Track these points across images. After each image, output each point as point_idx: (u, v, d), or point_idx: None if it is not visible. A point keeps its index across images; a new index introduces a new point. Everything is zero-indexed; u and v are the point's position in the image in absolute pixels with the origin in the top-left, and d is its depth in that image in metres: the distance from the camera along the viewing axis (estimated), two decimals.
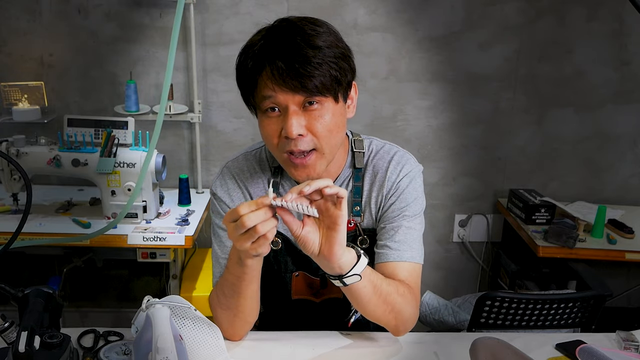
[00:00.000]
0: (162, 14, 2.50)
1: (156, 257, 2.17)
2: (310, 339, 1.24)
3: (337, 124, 1.10)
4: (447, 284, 2.89)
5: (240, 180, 1.25)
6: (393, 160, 1.24)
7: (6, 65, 2.53)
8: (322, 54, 1.04)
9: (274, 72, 1.03)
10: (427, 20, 2.56)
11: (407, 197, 1.22)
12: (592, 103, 2.70)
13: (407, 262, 1.20)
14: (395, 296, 1.14)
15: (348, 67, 1.09)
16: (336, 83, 1.06)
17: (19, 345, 0.92)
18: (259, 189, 1.25)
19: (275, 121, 1.09)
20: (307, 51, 1.03)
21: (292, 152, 1.09)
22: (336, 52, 1.06)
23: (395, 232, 1.20)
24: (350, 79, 1.11)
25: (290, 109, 1.06)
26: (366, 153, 1.26)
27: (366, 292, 1.10)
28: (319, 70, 1.03)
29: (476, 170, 2.79)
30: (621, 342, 1.26)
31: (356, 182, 1.24)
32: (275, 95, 1.06)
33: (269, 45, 1.05)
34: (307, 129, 1.07)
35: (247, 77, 1.09)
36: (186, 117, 2.55)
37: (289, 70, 1.02)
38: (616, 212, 2.59)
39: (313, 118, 1.07)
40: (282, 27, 1.07)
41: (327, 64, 1.04)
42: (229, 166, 1.27)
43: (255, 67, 1.07)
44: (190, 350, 1.09)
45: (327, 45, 1.05)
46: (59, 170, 2.17)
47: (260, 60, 1.06)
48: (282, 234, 1.25)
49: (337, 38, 1.09)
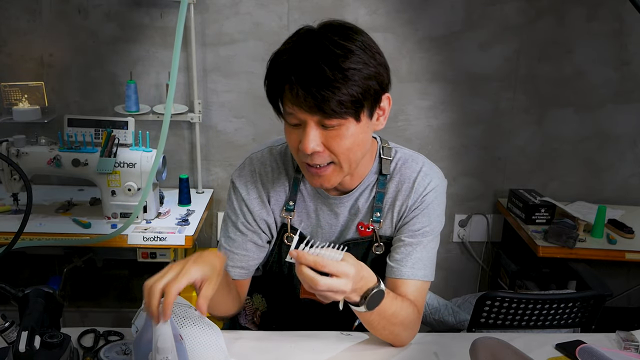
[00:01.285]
0: (162, 14, 2.50)
1: (156, 257, 2.17)
2: (311, 339, 1.24)
3: (357, 142, 1.08)
4: (447, 284, 2.90)
5: (259, 174, 1.25)
6: (422, 172, 1.23)
7: (6, 65, 2.53)
8: (344, 77, 0.99)
9: (292, 91, 1.02)
10: (427, 20, 2.56)
11: (430, 213, 1.22)
12: (592, 103, 2.70)
13: (419, 281, 1.21)
14: (397, 328, 1.17)
15: (376, 85, 1.04)
16: (357, 104, 1.03)
17: (20, 345, 0.92)
18: (278, 187, 1.25)
19: (295, 132, 1.08)
20: (328, 73, 0.98)
21: (309, 163, 1.10)
22: (364, 73, 1.01)
23: (413, 249, 1.21)
24: (378, 95, 1.07)
25: (309, 125, 1.05)
26: (393, 161, 1.25)
27: (369, 320, 1.14)
28: (337, 94, 0.99)
29: (476, 170, 2.79)
30: (621, 342, 1.26)
31: (380, 189, 1.24)
32: (294, 113, 1.05)
33: (291, 61, 1.02)
34: (324, 146, 1.07)
35: (273, 87, 1.08)
36: (186, 117, 2.55)
37: (306, 92, 1.00)
38: (616, 212, 2.59)
39: (331, 137, 1.06)
40: (309, 40, 1.02)
41: (349, 87, 1.00)
42: (252, 158, 1.27)
43: (279, 81, 1.05)
44: (191, 350, 1.09)
45: (354, 66, 1.00)
46: (59, 170, 2.17)
47: (281, 75, 1.04)
48: (297, 229, 1.26)
49: (371, 54, 1.03)
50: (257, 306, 1.42)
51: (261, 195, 1.25)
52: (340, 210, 1.25)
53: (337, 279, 0.99)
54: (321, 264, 0.98)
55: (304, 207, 1.27)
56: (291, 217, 1.26)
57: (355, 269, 1.01)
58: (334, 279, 0.99)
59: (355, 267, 1.02)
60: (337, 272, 0.99)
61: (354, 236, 1.27)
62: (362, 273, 1.05)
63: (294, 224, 1.27)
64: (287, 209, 1.25)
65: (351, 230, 1.26)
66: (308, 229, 1.28)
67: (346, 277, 1.00)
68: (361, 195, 1.24)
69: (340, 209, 1.25)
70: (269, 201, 1.26)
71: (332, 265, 0.99)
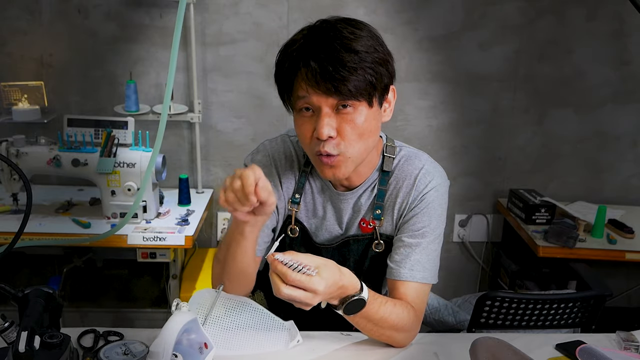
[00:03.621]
0: (162, 14, 2.50)
1: (156, 257, 2.17)
2: (311, 338, 1.24)
3: (369, 128, 1.10)
4: (447, 284, 2.90)
5: (273, 158, 1.27)
6: (424, 169, 1.23)
7: (6, 65, 2.53)
8: (358, 58, 1.03)
9: (308, 74, 1.04)
10: (427, 20, 2.56)
11: (430, 213, 1.21)
12: (592, 103, 2.70)
13: (418, 283, 1.20)
14: (388, 331, 1.16)
15: (386, 72, 1.09)
16: (371, 87, 1.06)
17: (19, 345, 0.92)
18: (289, 175, 1.27)
19: (308, 121, 1.10)
20: (343, 55, 1.03)
21: (321, 153, 1.11)
22: (374, 56, 1.06)
23: (412, 251, 1.20)
24: (387, 83, 1.11)
25: (323, 110, 1.07)
26: (396, 158, 1.26)
27: (355, 323, 1.15)
28: (353, 74, 1.03)
29: (476, 170, 2.79)
30: (621, 342, 1.26)
31: (381, 186, 1.24)
32: (309, 97, 1.07)
33: (306, 46, 1.06)
34: (337, 132, 1.08)
35: (284, 76, 1.10)
36: (186, 117, 2.55)
37: (322, 73, 1.03)
38: (616, 212, 2.59)
39: (345, 121, 1.08)
40: (322, 28, 1.07)
41: (363, 68, 1.04)
42: (266, 144, 1.29)
43: (292, 67, 1.08)
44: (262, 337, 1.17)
45: (365, 49, 1.04)
46: (59, 170, 2.17)
47: (296, 60, 1.07)
48: (301, 222, 1.27)
49: (378, 42, 1.09)
50: (258, 303, 1.42)
51: (275, 179, 1.26)
52: (343, 206, 1.26)
53: (302, 291, 0.99)
54: (288, 277, 0.98)
55: (310, 201, 1.28)
56: (296, 209, 1.27)
57: (325, 284, 1.00)
58: (297, 291, 0.99)
59: (326, 282, 1.00)
60: (302, 287, 0.99)
61: (356, 232, 1.27)
62: (340, 283, 1.04)
63: (298, 217, 1.28)
64: (293, 201, 1.27)
65: (354, 226, 1.27)
66: (312, 223, 1.29)
67: (313, 293, 1.00)
68: (364, 192, 1.25)
69: (344, 204, 1.26)
70: (282, 186, 1.27)
71: (297, 280, 0.98)
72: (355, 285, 1.08)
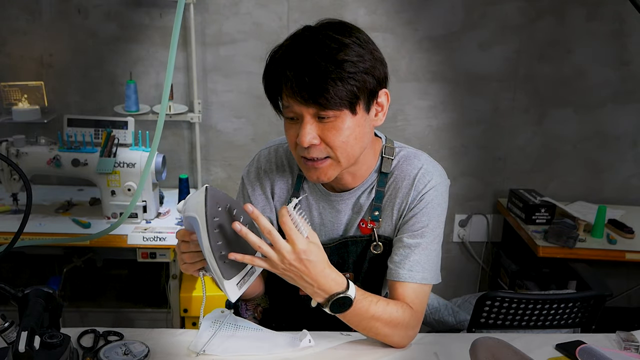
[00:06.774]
0: (162, 14, 2.50)
1: (156, 257, 2.17)
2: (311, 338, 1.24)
3: (354, 134, 1.10)
4: (447, 284, 2.89)
5: (265, 171, 1.29)
6: (423, 169, 1.23)
7: (6, 65, 2.53)
8: (339, 68, 1.02)
9: (287, 83, 1.05)
10: (427, 20, 2.56)
11: (430, 212, 1.21)
12: (592, 103, 2.70)
13: (417, 284, 1.20)
14: (383, 330, 1.16)
15: (372, 80, 1.07)
16: (353, 96, 1.05)
17: (19, 345, 0.92)
18: (283, 183, 1.29)
19: (294, 127, 1.11)
20: (322, 65, 1.02)
21: (306, 157, 1.12)
22: (359, 66, 1.04)
23: (412, 251, 1.20)
24: (374, 89, 1.09)
25: (305, 118, 1.08)
26: (395, 159, 1.25)
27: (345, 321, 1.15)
28: (331, 85, 1.02)
29: (476, 170, 2.79)
30: (621, 342, 1.26)
31: (379, 187, 1.24)
32: (291, 106, 1.08)
33: (286, 55, 1.06)
34: (321, 139, 1.09)
35: (270, 83, 1.11)
36: (186, 117, 2.55)
37: (298, 83, 1.03)
38: (616, 212, 2.59)
39: (327, 129, 1.08)
40: (305, 36, 1.06)
41: (343, 79, 1.02)
42: (260, 154, 1.32)
43: (276, 75, 1.08)
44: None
45: (348, 58, 1.03)
46: (59, 170, 2.17)
47: (278, 69, 1.07)
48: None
49: (367, 49, 1.06)
50: (259, 302, 1.42)
51: (265, 191, 1.29)
52: (341, 207, 1.26)
53: (271, 248, 1.02)
54: (272, 235, 1.01)
55: (307, 204, 1.28)
56: None
57: (296, 252, 1.02)
58: (265, 246, 1.02)
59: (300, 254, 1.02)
60: (274, 243, 1.02)
61: (355, 233, 1.27)
62: (323, 269, 1.06)
63: None
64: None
65: (354, 227, 1.27)
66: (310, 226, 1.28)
67: (279, 253, 1.02)
68: (363, 193, 1.25)
69: (342, 205, 1.26)
70: (273, 197, 1.29)
71: (274, 237, 1.01)
72: (340, 282, 1.09)
